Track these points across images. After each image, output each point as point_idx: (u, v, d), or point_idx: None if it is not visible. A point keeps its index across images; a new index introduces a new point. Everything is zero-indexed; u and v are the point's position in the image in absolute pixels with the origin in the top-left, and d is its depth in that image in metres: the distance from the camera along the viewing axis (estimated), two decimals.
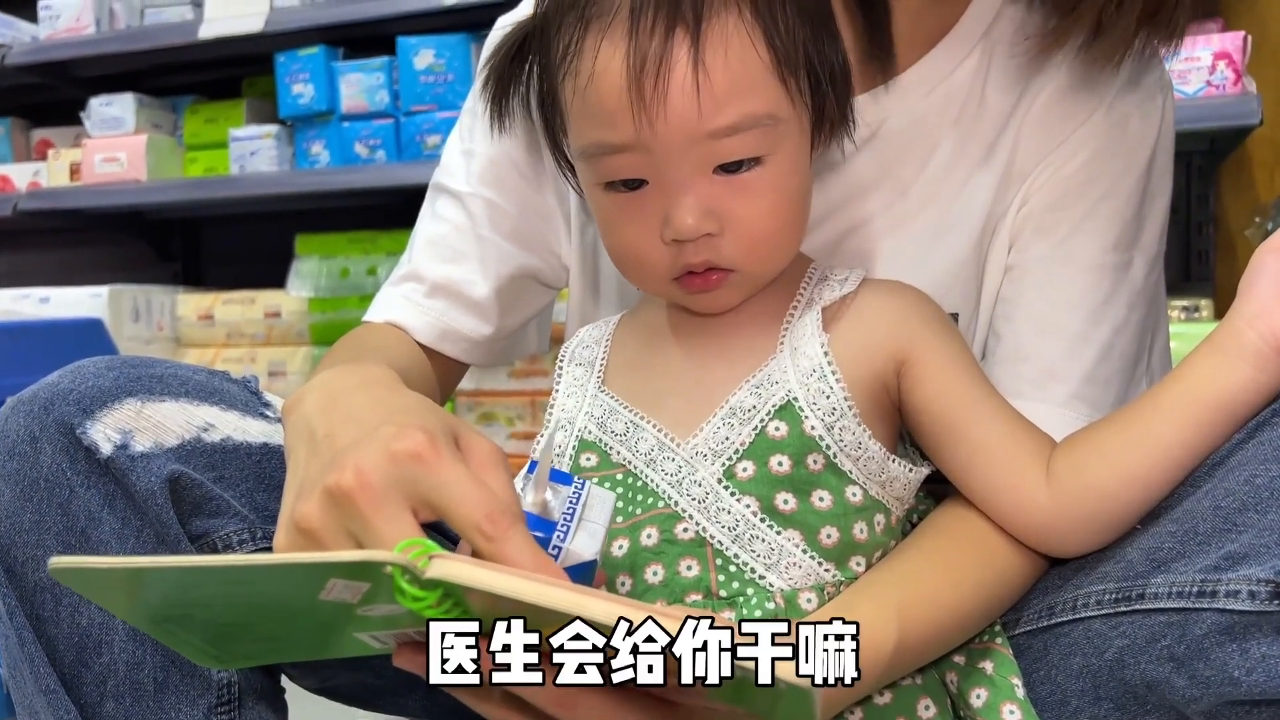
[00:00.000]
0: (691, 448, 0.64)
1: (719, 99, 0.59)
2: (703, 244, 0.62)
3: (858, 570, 0.63)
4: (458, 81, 2.04)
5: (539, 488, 0.54)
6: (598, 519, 0.56)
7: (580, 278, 0.84)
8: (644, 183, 0.62)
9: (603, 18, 0.60)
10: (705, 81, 0.58)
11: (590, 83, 0.60)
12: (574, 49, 0.61)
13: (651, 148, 0.60)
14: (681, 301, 0.67)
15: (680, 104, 0.58)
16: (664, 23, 0.58)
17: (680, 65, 0.58)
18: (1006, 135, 0.74)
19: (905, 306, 0.67)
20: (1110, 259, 0.72)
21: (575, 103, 0.62)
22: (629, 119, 0.59)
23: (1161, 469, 0.60)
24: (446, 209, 0.84)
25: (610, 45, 0.59)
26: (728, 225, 0.62)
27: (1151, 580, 0.58)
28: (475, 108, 0.82)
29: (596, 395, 0.69)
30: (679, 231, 0.61)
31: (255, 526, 0.67)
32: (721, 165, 0.61)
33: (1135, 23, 0.67)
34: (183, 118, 2.37)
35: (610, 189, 0.63)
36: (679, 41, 0.58)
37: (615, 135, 0.60)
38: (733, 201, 0.61)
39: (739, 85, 0.59)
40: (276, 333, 2.26)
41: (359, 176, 2.10)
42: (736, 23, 0.59)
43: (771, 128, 0.61)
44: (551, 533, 0.53)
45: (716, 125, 0.59)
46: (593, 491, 0.56)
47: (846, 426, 0.63)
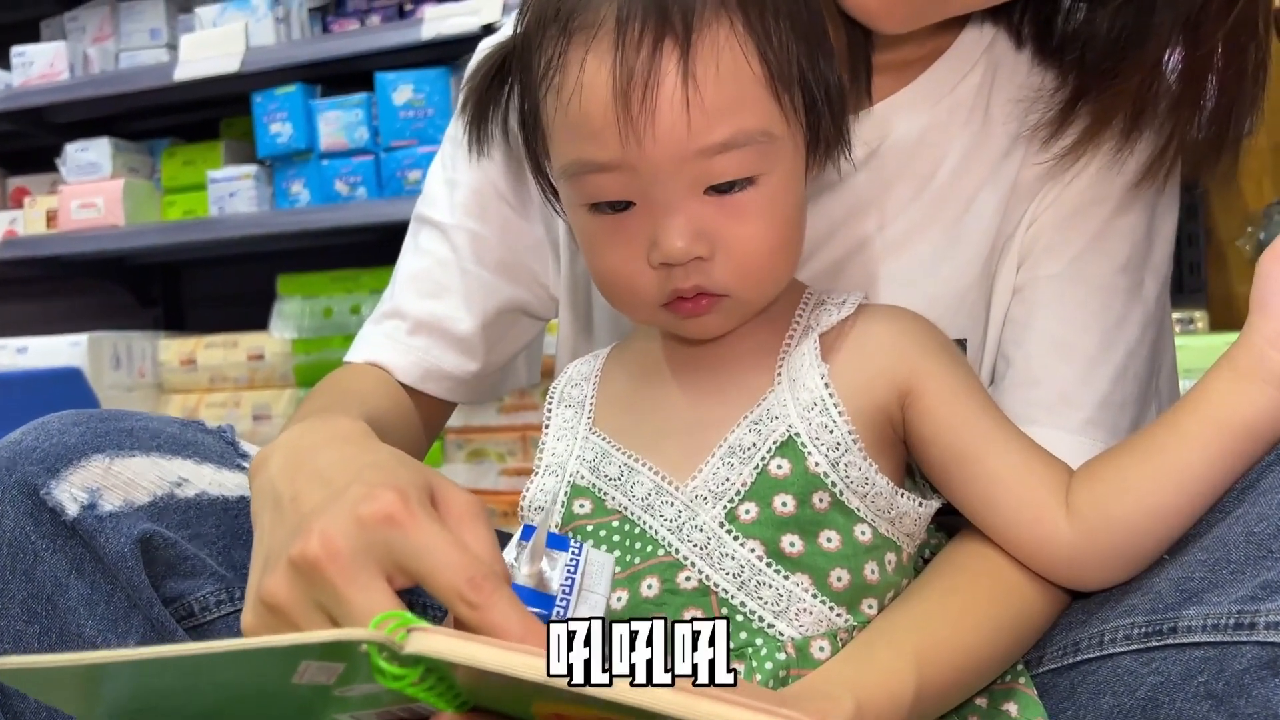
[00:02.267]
0: (691, 490, 0.61)
1: (710, 114, 0.56)
2: (693, 268, 0.59)
3: (870, 613, 0.60)
4: (438, 116, 2.02)
5: (535, 558, 0.50)
6: (598, 587, 0.52)
7: (571, 309, 0.81)
8: (631, 204, 0.59)
9: (587, 29, 0.57)
10: (696, 96, 0.55)
11: (574, 98, 0.57)
12: (556, 63, 0.58)
13: (638, 166, 0.57)
14: (671, 328, 0.64)
15: (669, 119, 0.56)
16: (652, 34, 0.55)
17: (669, 78, 0.55)
18: (1013, 152, 0.72)
19: (906, 333, 0.65)
20: (1122, 279, 0.70)
21: (558, 119, 0.59)
22: (615, 135, 0.56)
23: (1188, 499, 0.57)
24: (429, 242, 0.81)
25: (595, 58, 0.56)
26: (719, 248, 0.59)
27: (1184, 612, 0.55)
28: (457, 135, 0.79)
29: (588, 438, 0.66)
30: (668, 255, 0.58)
31: (233, 586, 0.63)
32: (713, 186, 0.58)
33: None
34: (160, 161, 2.35)
35: (595, 210, 0.60)
36: (668, 53, 0.55)
37: (600, 153, 0.58)
38: (724, 223, 0.59)
39: (731, 100, 0.56)
40: (260, 375, 2.23)
41: (340, 214, 2.08)
42: (729, 34, 0.56)
43: (765, 145, 0.58)
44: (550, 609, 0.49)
45: (707, 142, 0.56)
46: (590, 556, 0.52)
47: (852, 462, 0.60)
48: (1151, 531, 0.58)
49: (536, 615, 0.48)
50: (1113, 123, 0.67)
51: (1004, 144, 0.72)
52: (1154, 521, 0.58)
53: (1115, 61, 0.65)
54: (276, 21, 2.12)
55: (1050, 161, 0.69)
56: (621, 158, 0.57)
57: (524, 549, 0.52)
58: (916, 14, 0.65)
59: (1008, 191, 0.72)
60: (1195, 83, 0.64)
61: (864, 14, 0.64)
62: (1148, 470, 0.58)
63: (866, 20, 0.65)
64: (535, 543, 0.51)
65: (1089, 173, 0.70)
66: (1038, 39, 0.71)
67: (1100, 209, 0.71)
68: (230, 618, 0.62)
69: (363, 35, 2.09)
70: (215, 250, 2.44)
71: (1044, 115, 0.68)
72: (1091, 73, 0.67)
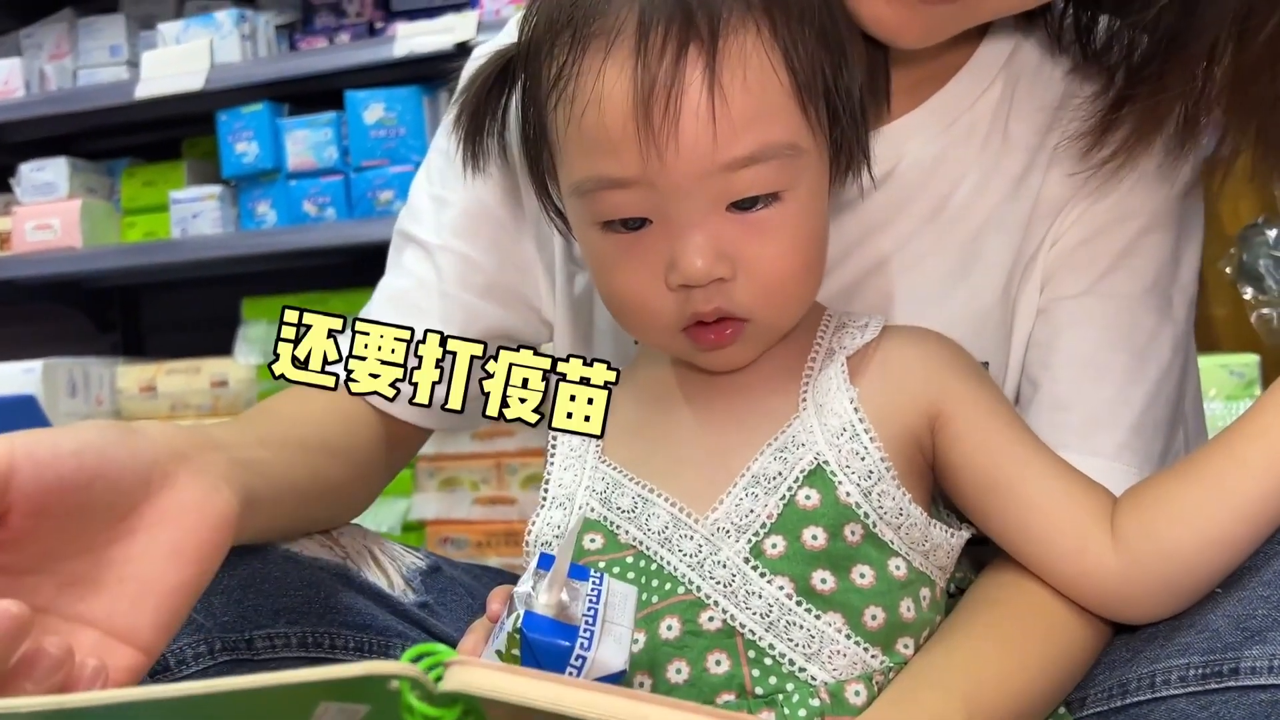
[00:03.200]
0: (711, 523, 0.57)
1: (736, 126, 0.53)
2: (714, 290, 0.55)
3: (905, 654, 0.56)
4: (410, 135, 1.98)
5: (555, 587, 0.46)
6: (621, 619, 0.48)
7: (569, 333, 0.77)
8: (647, 222, 0.55)
9: (604, 35, 0.53)
10: (722, 106, 0.52)
11: (589, 108, 0.54)
12: (570, 71, 0.54)
13: (658, 182, 0.54)
14: (688, 357, 0.60)
15: (694, 131, 0.52)
16: (676, 40, 0.52)
17: (694, 87, 0.52)
18: (1034, 170, 0.69)
19: (934, 355, 0.61)
20: (1151, 299, 0.67)
21: (570, 132, 0.55)
22: (634, 149, 0.53)
23: (1245, 529, 0.54)
24: (412, 262, 0.76)
25: (614, 66, 0.53)
26: (742, 269, 0.55)
27: (1245, 652, 0.52)
28: (447, 147, 0.75)
29: (597, 466, 0.61)
30: (688, 276, 0.54)
31: (213, 637, 0.58)
32: (735, 202, 0.55)
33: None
34: (119, 181, 2.28)
35: (608, 229, 0.57)
36: (692, 61, 0.52)
37: (618, 168, 0.54)
38: (747, 242, 0.55)
39: (758, 111, 0.53)
40: (224, 403, 2.16)
41: (308, 236, 2.03)
42: (755, 42, 0.53)
43: (791, 159, 0.55)
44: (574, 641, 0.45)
45: (734, 155, 0.53)
46: (613, 586, 0.48)
47: (885, 491, 0.56)
48: (1205, 562, 0.55)
49: (559, 646, 0.45)
50: (1162, 129, 0.64)
51: (1024, 161, 0.69)
52: (1208, 551, 0.54)
53: (1162, 64, 0.62)
54: (243, 39, 2.07)
55: (1088, 172, 0.66)
56: (641, 173, 0.53)
57: (541, 577, 0.49)
58: (935, 28, 0.62)
59: (1028, 211, 0.69)
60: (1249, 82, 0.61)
61: (880, 29, 0.62)
62: (1202, 497, 0.54)
63: (883, 35, 0.62)
64: (556, 571, 0.48)
65: (1118, 188, 0.67)
66: (1078, 43, 0.68)
67: (1127, 226, 0.68)
68: (210, 671, 0.57)
69: (332, 53, 2.04)
70: (177, 273, 2.37)
71: (1085, 123, 0.65)
72: (1136, 77, 0.64)
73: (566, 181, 0.58)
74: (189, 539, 0.48)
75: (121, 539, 0.47)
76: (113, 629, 0.46)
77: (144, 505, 0.48)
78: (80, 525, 0.46)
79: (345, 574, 0.66)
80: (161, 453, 0.49)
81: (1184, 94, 0.62)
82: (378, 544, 0.71)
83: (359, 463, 0.70)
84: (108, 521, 0.47)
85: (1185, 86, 0.61)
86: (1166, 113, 0.63)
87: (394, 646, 0.65)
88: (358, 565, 0.68)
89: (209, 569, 0.49)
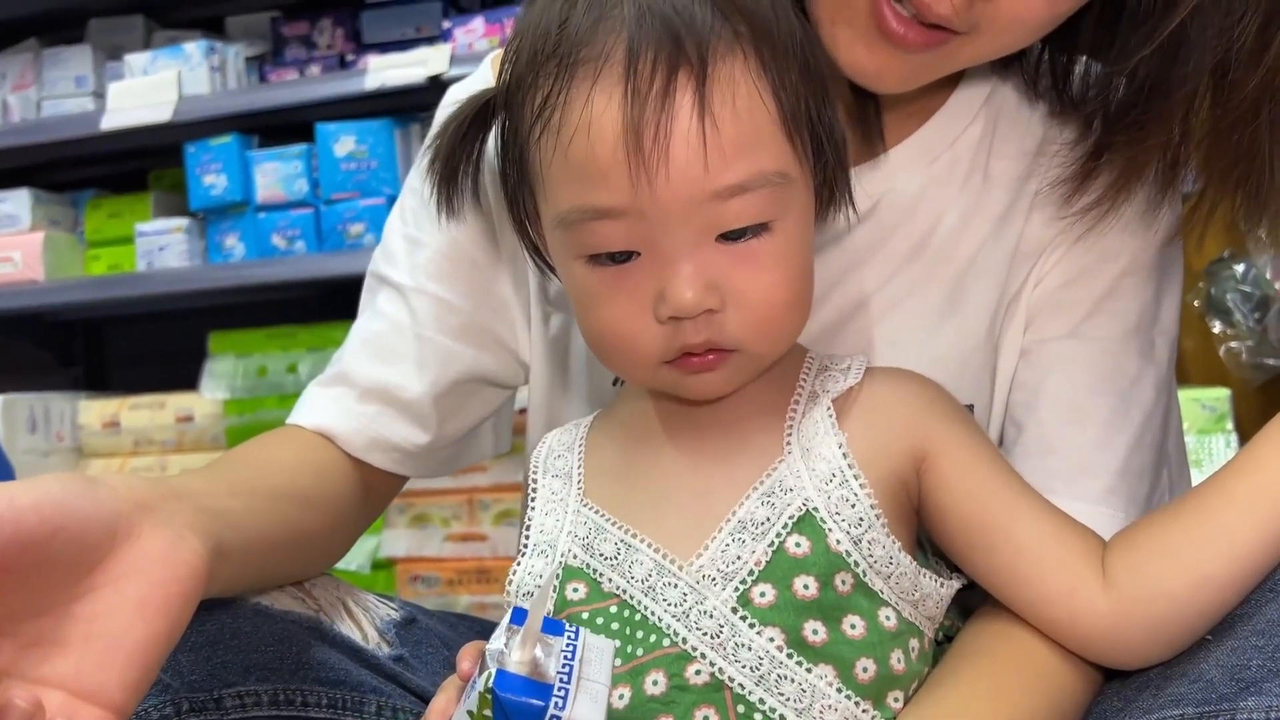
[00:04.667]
0: (697, 570, 0.55)
1: (727, 153, 0.52)
2: (703, 322, 0.54)
3: (896, 707, 0.55)
4: (382, 168, 1.97)
5: (528, 644, 0.45)
6: (598, 676, 0.46)
7: (545, 373, 0.76)
8: (634, 254, 0.54)
9: (592, 63, 0.52)
10: (713, 133, 0.52)
11: (577, 136, 0.53)
12: (556, 100, 0.54)
13: (647, 211, 0.53)
14: (671, 388, 0.59)
15: (684, 158, 0.51)
16: (665, 66, 0.51)
17: (684, 114, 0.51)
18: (1016, 211, 0.69)
19: (918, 396, 0.61)
20: (1134, 341, 0.67)
21: (555, 162, 0.54)
22: (624, 176, 0.52)
23: (1238, 571, 0.53)
24: (387, 304, 0.75)
25: (602, 92, 0.52)
26: (731, 300, 0.54)
27: (1240, 704, 0.51)
28: (420, 188, 0.74)
29: (579, 511, 0.60)
30: (678, 307, 0.53)
31: (180, 697, 0.56)
32: (725, 233, 0.54)
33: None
34: (84, 213, 2.24)
35: (594, 262, 0.55)
36: (682, 87, 0.51)
37: (606, 197, 0.53)
38: (737, 273, 0.54)
39: (748, 139, 0.53)
40: (189, 438, 2.11)
41: (277, 269, 2.00)
42: (743, 70, 0.53)
43: (780, 189, 0.54)
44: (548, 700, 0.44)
45: (723, 184, 0.52)
46: (589, 641, 0.47)
47: (876, 539, 0.55)
48: (1196, 604, 0.54)
49: (532, 706, 0.43)
50: (1143, 179, 0.64)
51: (1005, 202, 0.69)
52: (1200, 593, 0.54)
53: (1141, 113, 0.62)
54: (212, 70, 2.05)
55: (1072, 218, 0.65)
56: (630, 202, 0.52)
57: (515, 634, 0.47)
58: (913, 74, 0.62)
59: (1011, 251, 0.69)
60: (1227, 133, 0.61)
61: (860, 75, 0.62)
62: (1194, 537, 0.54)
63: (862, 81, 0.62)
64: (529, 627, 0.46)
65: (1099, 230, 0.67)
66: (1054, 89, 0.68)
67: (1108, 269, 0.68)
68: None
69: (303, 85, 2.03)
70: (142, 306, 2.33)
71: (1066, 169, 0.65)
72: (1116, 125, 0.64)
73: (551, 214, 0.57)
74: (157, 592, 0.46)
75: (86, 595, 0.45)
76: (80, 689, 0.45)
77: (109, 559, 0.46)
78: (41, 582, 0.44)
79: (318, 628, 0.64)
80: (125, 504, 0.47)
81: (1164, 143, 0.62)
82: (351, 595, 0.69)
83: (333, 511, 0.68)
84: (71, 577, 0.45)
85: (1165, 136, 0.62)
86: (1147, 161, 0.63)
87: (368, 703, 0.63)
88: (331, 618, 0.66)
89: (179, 622, 0.47)
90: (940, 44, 0.59)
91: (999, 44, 0.61)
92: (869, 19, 0.58)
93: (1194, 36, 0.59)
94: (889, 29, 0.58)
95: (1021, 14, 0.58)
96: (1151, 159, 0.63)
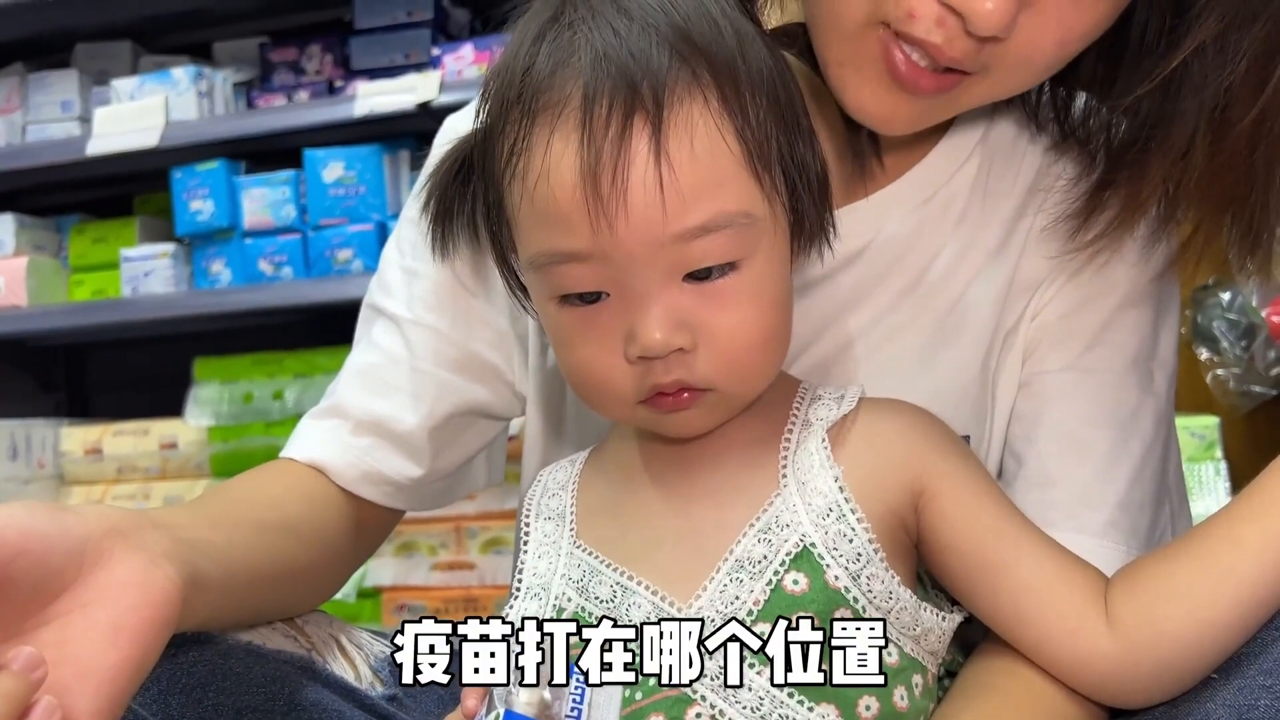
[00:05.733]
0: (696, 612, 0.55)
1: (686, 196, 0.52)
2: (674, 361, 0.54)
3: None
4: (370, 194, 1.97)
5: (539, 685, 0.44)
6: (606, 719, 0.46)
7: (542, 405, 0.75)
8: (603, 295, 0.54)
9: (551, 109, 0.53)
10: (670, 176, 0.52)
11: (540, 182, 0.53)
12: (521, 146, 0.54)
13: (611, 254, 0.53)
14: (650, 426, 0.59)
15: (643, 202, 0.52)
16: (621, 110, 0.51)
17: (640, 158, 0.51)
18: (1012, 244, 0.69)
19: (915, 428, 0.60)
20: (1133, 374, 0.67)
21: (523, 207, 0.55)
22: (584, 221, 0.52)
23: (1243, 612, 0.53)
24: (383, 336, 0.74)
25: (560, 139, 0.52)
26: (702, 339, 0.54)
27: None
28: (418, 219, 0.73)
29: (572, 553, 0.59)
30: (646, 348, 0.53)
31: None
32: (692, 272, 0.54)
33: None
34: (68, 238, 2.23)
35: (565, 303, 0.56)
36: (638, 131, 0.52)
37: (570, 241, 0.53)
38: (706, 312, 0.54)
39: (708, 180, 0.53)
40: (173, 465, 2.09)
41: (263, 295, 1.99)
42: (702, 110, 0.53)
43: (746, 228, 0.54)
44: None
45: (684, 226, 0.52)
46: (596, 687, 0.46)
47: (874, 574, 0.55)
48: (1202, 646, 0.53)
49: None
50: (1145, 213, 0.64)
51: (1001, 236, 0.69)
52: (1205, 633, 0.53)
53: (1142, 150, 0.62)
54: (199, 96, 2.05)
55: (1076, 253, 0.66)
56: (592, 245, 0.53)
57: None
58: (920, 117, 0.62)
59: (1006, 284, 0.69)
60: (1225, 171, 0.61)
61: (867, 118, 0.62)
62: (1200, 579, 0.53)
63: (870, 124, 0.62)
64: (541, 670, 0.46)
65: (1097, 262, 0.67)
66: (1056, 121, 0.68)
67: (1107, 300, 0.68)
68: None
69: (291, 111, 2.03)
70: (126, 332, 2.31)
71: (1069, 206, 0.65)
72: (1118, 161, 0.64)
73: (523, 256, 0.57)
74: (129, 617, 0.46)
75: (54, 620, 0.45)
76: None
77: (77, 584, 0.46)
78: (4, 607, 0.44)
79: (310, 667, 0.63)
80: (95, 529, 0.47)
81: (1165, 179, 0.62)
82: (345, 632, 0.68)
83: (324, 545, 0.68)
84: (36, 603, 0.45)
85: (1167, 172, 0.62)
86: (1149, 198, 0.63)
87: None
88: (324, 657, 0.65)
89: (151, 649, 0.46)
90: (951, 87, 0.59)
91: (1008, 85, 0.61)
92: (880, 64, 0.58)
93: (1195, 74, 0.59)
94: (900, 74, 0.58)
95: (1030, 54, 0.58)
96: (1154, 195, 0.63)
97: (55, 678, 0.44)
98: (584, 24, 0.54)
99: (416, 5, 2.05)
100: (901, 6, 0.56)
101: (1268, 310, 1.73)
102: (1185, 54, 0.57)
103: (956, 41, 0.56)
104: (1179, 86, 0.59)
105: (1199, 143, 0.60)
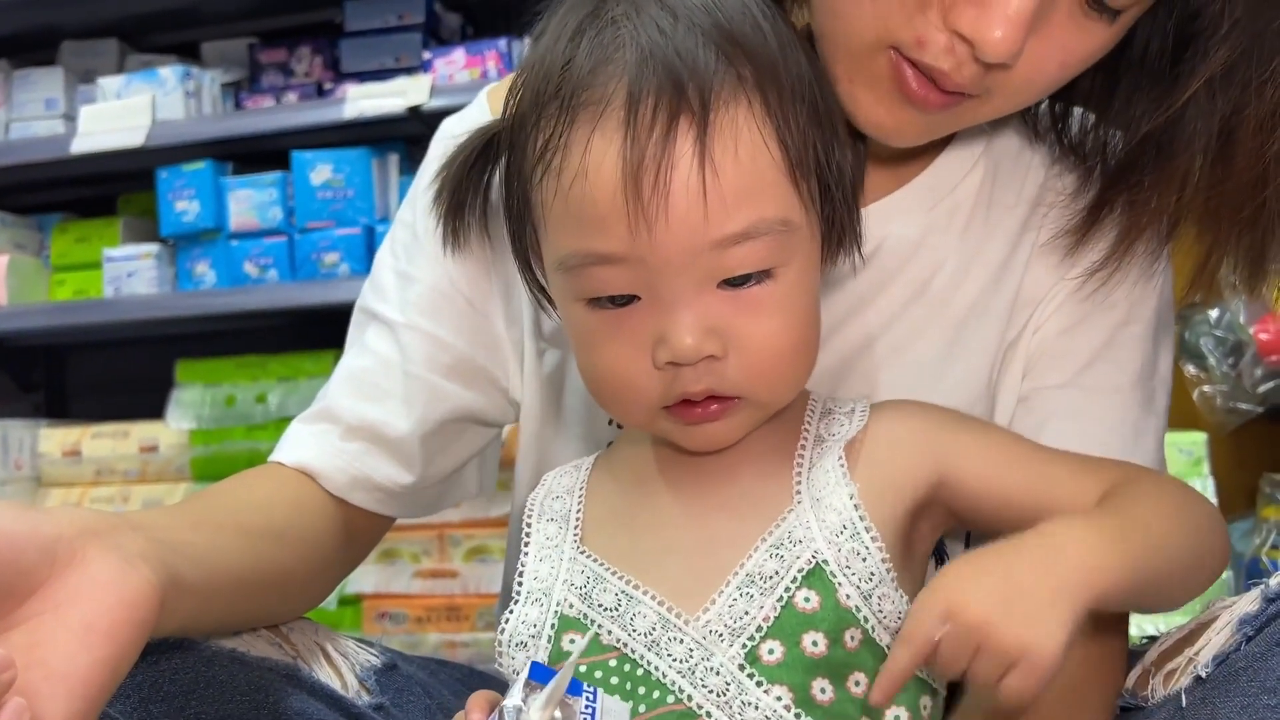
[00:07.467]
0: (704, 625, 0.53)
1: (728, 201, 0.51)
2: (703, 368, 0.53)
3: None
4: (358, 197, 1.94)
5: (551, 704, 0.43)
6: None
7: (537, 411, 0.74)
8: (634, 298, 0.53)
9: (593, 106, 0.51)
10: (714, 180, 0.50)
11: (577, 181, 0.52)
12: (557, 143, 0.53)
13: (647, 258, 0.51)
14: (671, 436, 0.57)
15: (684, 207, 0.50)
16: (666, 111, 0.50)
17: (685, 161, 0.50)
18: (1016, 258, 0.68)
19: (923, 424, 0.60)
20: (1137, 393, 0.67)
21: (556, 206, 0.53)
22: (623, 224, 0.51)
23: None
24: (375, 340, 0.73)
25: (602, 138, 0.51)
26: (733, 347, 0.53)
27: None
28: (414, 224, 0.72)
29: (575, 558, 0.58)
30: (677, 354, 0.52)
31: None
32: (727, 279, 0.53)
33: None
34: (50, 237, 2.19)
35: (594, 305, 0.54)
36: (683, 133, 0.50)
37: (605, 243, 0.52)
38: (739, 319, 0.53)
39: (750, 186, 0.52)
40: (153, 468, 2.06)
41: (248, 297, 1.97)
42: (747, 116, 0.52)
43: (784, 236, 0.53)
44: None
45: (725, 232, 0.51)
46: (606, 704, 0.45)
47: (885, 594, 0.54)
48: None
49: None
50: (1146, 235, 0.63)
51: (1005, 249, 0.69)
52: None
53: (1142, 174, 0.62)
54: (187, 95, 2.03)
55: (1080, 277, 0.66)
56: (629, 248, 0.51)
57: (533, 690, 0.46)
58: (928, 130, 0.62)
59: (1011, 298, 0.68)
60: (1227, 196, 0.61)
61: (877, 131, 0.61)
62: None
63: (878, 137, 0.62)
64: (555, 687, 0.45)
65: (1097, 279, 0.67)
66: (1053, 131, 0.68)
67: (1108, 318, 0.68)
68: None
69: (279, 113, 2.01)
70: (108, 333, 2.28)
71: (1068, 222, 0.65)
72: (1117, 182, 0.64)
73: (551, 256, 0.56)
74: (103, 617, 0.44)
75: (26, 621, 0.44)
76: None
77: (50, 585, 0.44)
78: None
79: (295, 675, 0.61)
80: (67, 529, 0.45)
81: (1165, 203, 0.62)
82: (330, 640, 0.67)
83: (311, 551, 0.66)
84: (8, 604, 0.44)
85: (1167, 197, 0.62)
86: (1152, 222, 0.63)
87: None
88: (309, 664, 0.63)
89: (127, 650, 0.45)
90: (957, 104, 0.59)
91: (1013, 104, 0.61)
92: (890, 82, 0.58)
93: (1202, 103, 0.59)
94: (910, 91, 0.57)
95: (1034, 76, 0.58)
96: (1154, 219, 0.63)
97: (26, 680, 0.42)
98: (627, 20, 0.53)
99: (408, 8, 2.04)
100: (912, 33, 0.56)
101: (1255, 327, 1.74)
102: (1196, 87, 0.57)
103: (964, 68, 0.56)
104: (1183, 114, 0.59)
105: (1201, 171, 0.60)
